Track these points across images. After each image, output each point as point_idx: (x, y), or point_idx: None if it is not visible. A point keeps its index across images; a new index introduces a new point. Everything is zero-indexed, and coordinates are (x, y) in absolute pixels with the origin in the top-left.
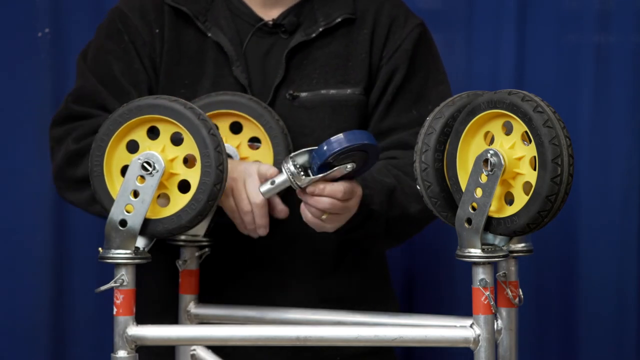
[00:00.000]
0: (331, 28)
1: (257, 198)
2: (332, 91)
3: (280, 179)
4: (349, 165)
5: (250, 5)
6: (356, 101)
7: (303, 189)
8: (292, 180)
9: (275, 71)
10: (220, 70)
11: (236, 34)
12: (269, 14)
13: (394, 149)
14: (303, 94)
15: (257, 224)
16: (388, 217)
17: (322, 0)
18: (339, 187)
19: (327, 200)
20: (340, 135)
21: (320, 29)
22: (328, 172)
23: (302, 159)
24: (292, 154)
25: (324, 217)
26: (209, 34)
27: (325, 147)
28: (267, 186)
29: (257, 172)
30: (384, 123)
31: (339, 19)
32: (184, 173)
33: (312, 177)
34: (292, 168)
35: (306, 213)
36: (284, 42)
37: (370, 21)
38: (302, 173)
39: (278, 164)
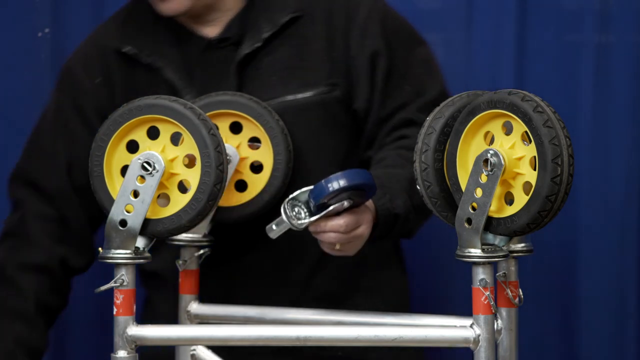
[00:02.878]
0: (278, 31)
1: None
2: (292, 96)
3: (281, 221)
4: (345, 203)
5: (192, 26)
6: (319, 101)
7: (295, 225)
8: (291, 223)
9: (229, 86)
10: None
11: (181, 61)
12: (213, 31)
13: (401, 128)
14: (264, 103)
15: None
16: (414, 205)
17: (264, 4)
18: (339, 222)
19: (333, 235)
20: (336, 176)
21: (267, 35)
22: (324, 212)
23: (303, 197)
24: (290, 196)
25: (337, 247)
26: (156, 67)
27: (319, 190)
28: (272, 230)
29: None
30: (385, 109)
31: (284, 20)
32: (184, 173)
33: (309, 219)
34: (288, 212)
35: (321, 246)
36: (233, 55)
37: (322, 15)
38: (302, 212)
39: (278, 164)
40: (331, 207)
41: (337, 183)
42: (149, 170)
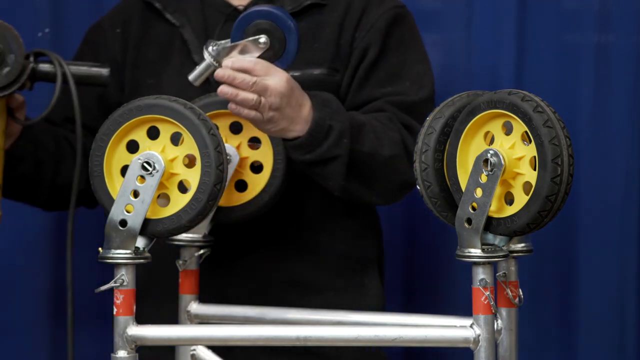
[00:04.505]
0: (299, 11)
1: None
2: (297, 73)
3: (201, 62)
4: (262, 38)
5: None
6: (320, 81)
7: (218, 62)
8: (207, 55)
9: None
10: (184, 59)
11: (202, 23)
12: (242, 0)
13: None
14: None
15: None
16: (355, 150)
17: None
18: (249, 59)
19: (240, 76)
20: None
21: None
22: (239, 41)
23: (224, 41)
24: (214, 41)
25: (255, 98)
26: (177, 25)
27: (236, 21)
28: (193, 73)
29: None
30: (358, 98)
31: (307, 3)
32: (184, 173)
33: (222, 45)
34: (209, 48)
35: (231, 106)
36: None
37: (342, 5)
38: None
39: (278, 163)
40: (248, 39)
41: (252, 8)
42: (149, 170)
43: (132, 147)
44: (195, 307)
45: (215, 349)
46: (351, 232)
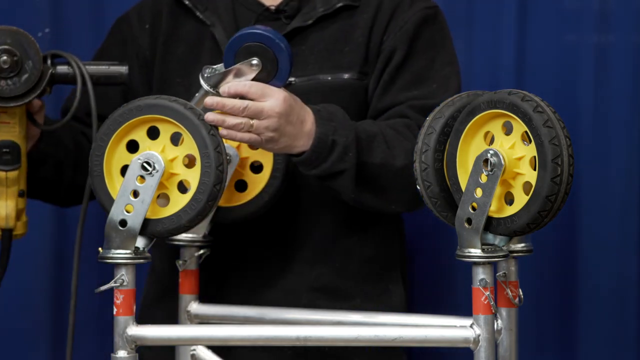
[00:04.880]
0: (331, 14)
1: None
2: (326, 77)
3: (198, 89)
4: (254, 60)
5: None
6: (350, 86)
7: (216, 90)
8: (203, 83)
9: None
10: (214, 58)
11: (233, 22)
12: (274, 1)
13: (390, 119)
14: (297, 80)
15: None
16: (365, 162)
17: None
18: (244, 83)
19: (231, 102)
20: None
21: (319, 15)
22: (232, 67)
23: (219, 65)
24: (210, 66)
25: (251, 122)
26: (207, 24)
27: (226, 46)
28: (192, 102)
29: None
30: (382, 102)
31: (339, 5)
32: (183, 173)
33: (216, 72)
34: (204, 73)
35: (222, 132)
36: (283, 27)
37: (373, 6)
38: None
39: (278, 164)
40: (240, 63)
41: (241, 31)
42: (149, 170)
43: (132, 147)
44: (195, 307)
45: (215, 349)
46: (377, 238)
